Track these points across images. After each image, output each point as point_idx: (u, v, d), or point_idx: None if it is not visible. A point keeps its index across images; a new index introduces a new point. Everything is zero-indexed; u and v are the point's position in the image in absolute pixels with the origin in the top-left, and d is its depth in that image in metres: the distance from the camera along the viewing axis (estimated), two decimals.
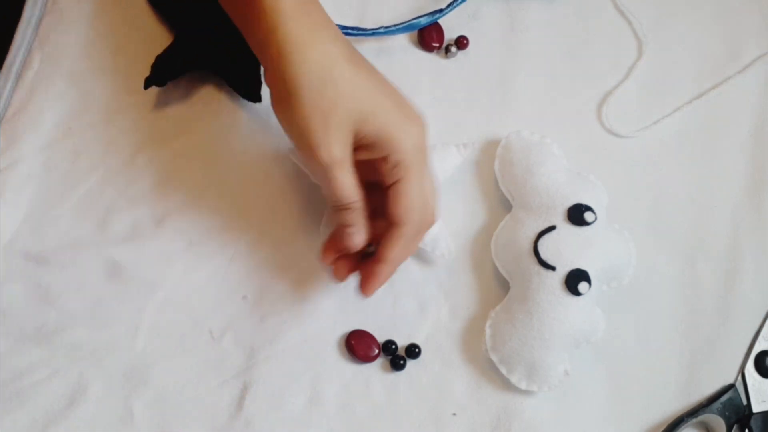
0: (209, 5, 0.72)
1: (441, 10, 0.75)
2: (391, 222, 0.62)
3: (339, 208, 0.62)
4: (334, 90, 0.59)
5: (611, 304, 0.67)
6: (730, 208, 0.71)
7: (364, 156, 0.61)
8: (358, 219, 0.62)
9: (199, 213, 0.71)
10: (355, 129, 0.60)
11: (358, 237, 0.62)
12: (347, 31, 0.74)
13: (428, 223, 0.63)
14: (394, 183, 0.61)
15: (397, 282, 0.69)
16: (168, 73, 0.72)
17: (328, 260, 0.65)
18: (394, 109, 0.61)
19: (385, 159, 0.61)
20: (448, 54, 0.75)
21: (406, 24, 0.74)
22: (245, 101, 0.72)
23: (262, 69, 0.65)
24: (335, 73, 0.60)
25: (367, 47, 0.76)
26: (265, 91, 0.72)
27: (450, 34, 0.76)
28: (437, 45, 0.75)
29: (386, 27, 0.74)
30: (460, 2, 0.75)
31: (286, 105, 0.60)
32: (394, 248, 0.62)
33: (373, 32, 0.74)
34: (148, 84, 0.72)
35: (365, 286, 0.64)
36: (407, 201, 0.61)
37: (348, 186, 0.61)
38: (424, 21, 0.75)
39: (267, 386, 0.66)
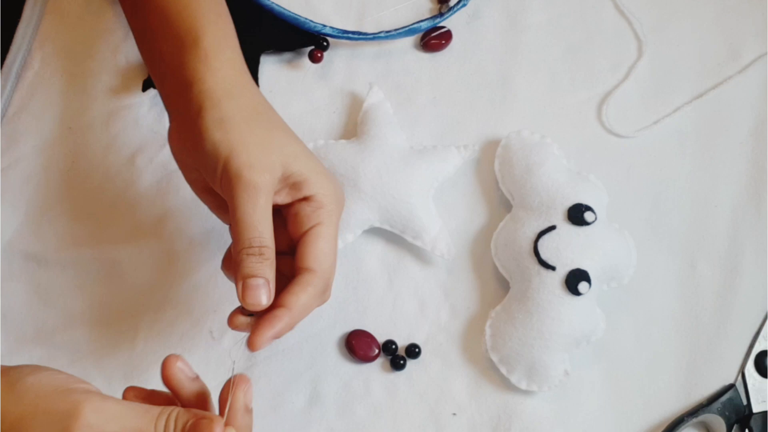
0: None
1: (442, 14, 0.75)
2: (301, 269, 0.57)
3: (252, 252, 0.56)
4: (268, 124, 0.59)
5: (611, 304, 0.67)
6: (730, 208, 0.71)
7: (285, 197, 0.59)
8: (268, 270, 0.56)
9: (200, 213, 0.71)
10: (285, 164, 0.58)
11: (265, 292, 0.56)
12: (349, 35, 0.74)
13: (330, 281, 0.59)
14: (313, 227, 0.58)
15: (397, 282, 0.69)
16: None
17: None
18: (320, 163, 0.61)
19: (308, 200, 0.59)
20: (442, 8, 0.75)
21: (407, 28, 0.74)
22: None
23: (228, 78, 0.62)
24: (269, 115, 0.60)
25: (367, 48, 0.76)
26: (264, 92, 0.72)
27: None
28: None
29: (387, 31, 0.74)
30: (462, 6, 0.75)
31: (217, 132, 0.57)
32: (300, 295, 0.56)
33: (374, 36, 0.74)
34: (146, 86, 0.72)
35: (257, 339, 0.55)
36: (324, 247, 0.58)
37: (265, 223, 0.56)
38: (424, 25, 0.75)
39: (267, 386, 0.66)
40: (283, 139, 0.59)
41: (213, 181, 0.58)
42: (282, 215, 0.60)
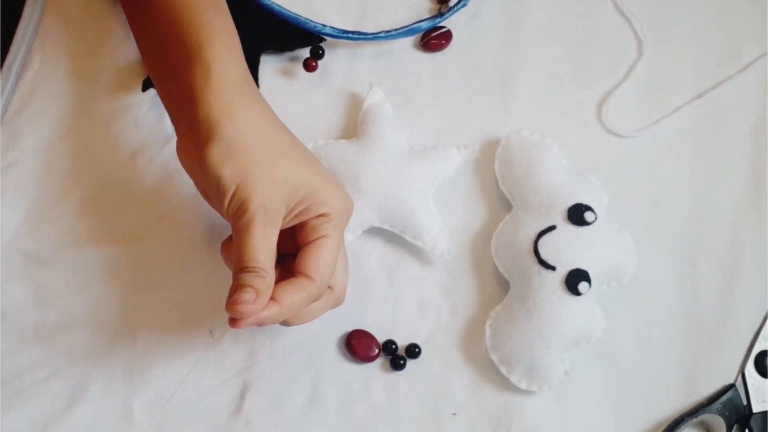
0: None
1: (442, 14, 0.75)
2: (300, 273, 0.59)
3: (247, 270, 0.57)
4: (277, 148, 0.60)
5: (611, 304, 0.67)
6: (730, 208, 0.71)
7: (294, 220, 0.60)
8: (262, 286, 0.57)
9: (200, 213, 0.71)
10: (290, 197, 0.59)
11: (251, 298, 0.56)
12: (349, 35, 0.74)
13: (343, 293, 0.63)
14: (318, 238, 0.60)
15: (397, 282, 0.69)
16: None
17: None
18: (326, 175, 0.62)
19: (315, 216, 0.60)
20: (442, 8, 0.75)
21: (407, 28, 0.74)
22: None
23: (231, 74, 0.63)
24: (276, 136, 0.61)
25: (367, 48, 0.76)
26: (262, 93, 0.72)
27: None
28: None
29: (387, 31, 0.74)
30: (462, 5, 0.75)
31: (226, 161, 0.58)
32: (293, 295, 0.58)
33: (375, 36, 0.74)
34: (146, 86, 0.72)
35: (238, 319, 0.56)
36: (326, 256, 0.60)
37: (264, 249, 0.57)
38: (425, 25, 0.75)
39: (267, 386, 0.66)
40: (288, 166, 0.60)
41: (220, 210, 0.60)
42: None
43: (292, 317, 0.60)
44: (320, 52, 0.74)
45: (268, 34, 0.74)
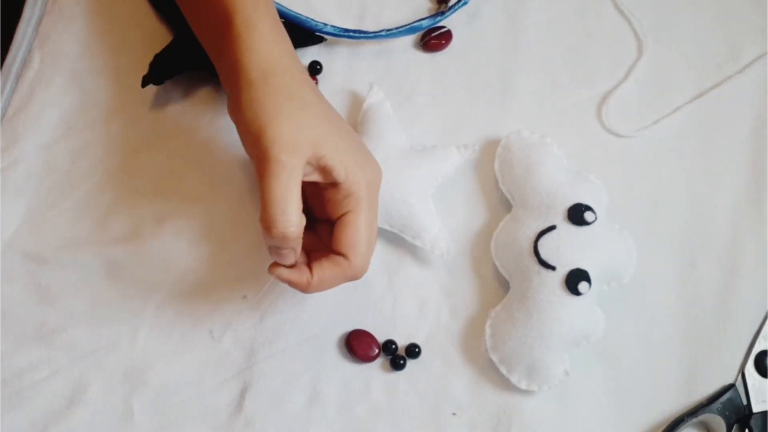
0: None
1: (443, 12, 0.75)
2: (336, 251, 0.61)
3: (273, 229, 0.57)
4: (300, 104, 0.60)
5: (611, 304, 0.67)
6: (730, 208, 0.71)
7: (315, 178, 0.60)
8: (291, 244, 0.59)
9: (199, 213, 0.71)
10: (315, 145, 0.59)
11: (290, 257, 0.60)
12: (350, 34, 0.74)
13: (363, 267, 0.62)
14: (344, 214, 0.61)
15: (397, 282, 0.69)
16: (165, 72, 0.72)
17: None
18: (353, 145, 0.62)
19: (337, 187, 0.61)
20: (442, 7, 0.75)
21: (408, 27, 0.74)
22: None
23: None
24: (301, 93, 0.61)
25: (367, 48, 0.76)
26: None
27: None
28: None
29: (388, 30, 0.74)
30: (462, 4, 0.75)
31: (248, 110, 0.60)
32: (325, 271, 0.61)
33: (375, 35, 0.74)
34: (145, 82, 0.72)
35: (276, 265, 0.61)
36: (354, 234, 0.60)
37: (294, 204, 0.58)
38: (425, 24, 0.75)
39: (267, 386, 0.66)
40: (315, 120, 0.60)
41: (250, 157, 0.60)
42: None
43: (316, 287, 0.61)
44: (318, 67, 0.74)
45: None
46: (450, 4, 0.76)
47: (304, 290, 0.61)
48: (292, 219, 0.57)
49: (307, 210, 0.60)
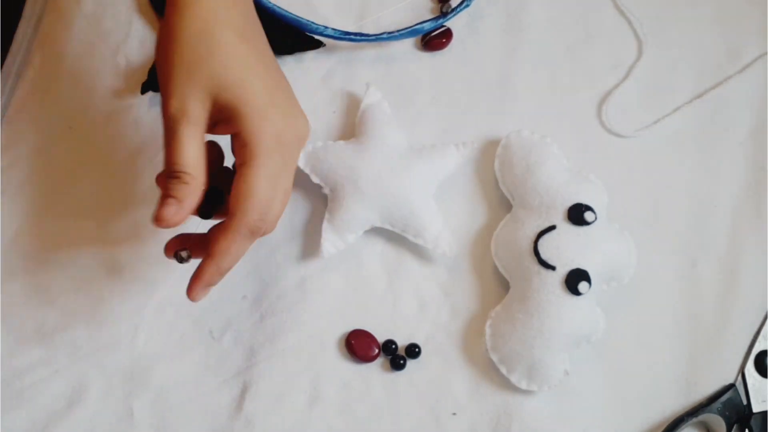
0: None
1: (445, 15, 0.75)
2: (228, 211, 0.57)
3: (171, 175, 0.56)
4: (207, 50, 0.57)
5: (611, 304, 0.67)
6: (730, 208, 0.71)
7: (221, 130, 0.59)
8: (184, 194, 0.56)
9: None
10: (214, 94, 0.56)
11: (172, 211, 0.56)
12: (350, 37, 0.74)
13: (265, 226, 0.58)
14: (240, 165, 0.57)
15: (397, 282, 0.69)
16: None
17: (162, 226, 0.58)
18: (264, 92, 0.58)
19: (236, 136, 0.58)
20: (443, 7, 0.75)
21: (410, 29, 0.74)
22: None
23: None
24: (215, 35, 0.58)
25: (367, 48, 0.76)
26: None
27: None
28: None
29: (389, 33, 0.74)
30: (465, 6, 0.75)
31: (161, 51, 0.58)
32: (220, 241, 0.57)
33: (377, 38, 0.74)
34: (145, 89, 0.72)
35: (189, 289, 0.59)
36: (248, 188, 0.56)
37: (188, 149, 0.55)
38: (427, 26, 0.75)
39: (267, 386, 0.66)
40: (219, 66, 0.57)
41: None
42: None
43: (225, 260, 0.58)
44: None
45: (269, 38, 0.74)
46: (452, 6, 0.75)
47: (214, 273, 0.58)
48: (185, 170, 0.55)
49: None
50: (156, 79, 0.72)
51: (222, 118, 0.58)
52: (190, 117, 0.56)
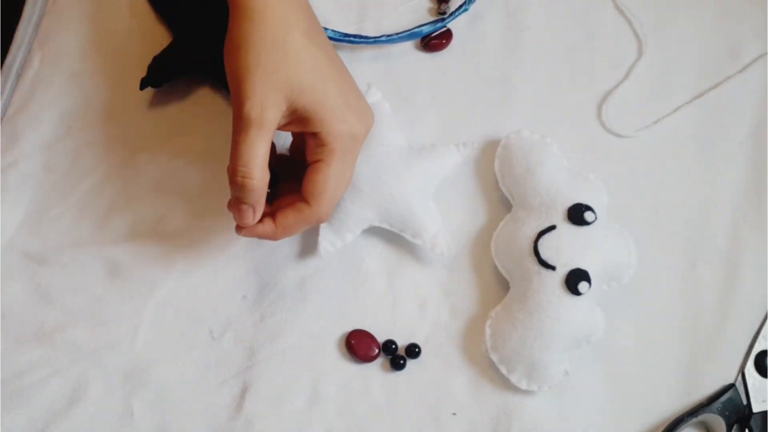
0: (209, 7, 0.72)
1: (443, 18, 0.75)
2: (302, 196, 0.62)
3: (235, 179, 0.60)
4: (282, 54, 0.60)
5: (611, 304, 0.67)
6: (730, 208, 0.71)
7: (295, 128, 0.62)
8: (256, 199, 0.61)
9: (199, 213, 0.71)
10: (290, 98, 0.60)
11: (250, 217, 0.62)
12: (350, 39, 0.74)
13: (326, 214, 0.63)
14: (315, 162, 0.62)
15: (397, 282, 0.69)
16: (163, 75, 0.72)
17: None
18: (337, 94, 0.62)
19: (314, 135, 0.61)
20: (441, 6, 0.75)
21: (409, 32, 0.74)
22: None
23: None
24: (287, 40, 0.60)
25: (366, 49, 0.76)
26: None
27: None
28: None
29: (389, 35, 0.74)
30: (463, 11, 0.75)
31: (233, 56, 0.60)
32: (289, 218, 0.62)
33: (375, 40, 0.74)
34: (143, 85, 0.72)
35: (241, 229, 0.63)
36: (320, 183, 0.61)
37: (259, 153, 0.59)
38: (426, 29, 0.74)
39: (267, 386, 0.66)
40: (296, 70, 0.60)
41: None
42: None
43: (286, 234, 0.63)
44: None
45: None
46: (451, 10, 0.75)
47: (271, 238, 0.63)
48: (253, 173, 0.59)
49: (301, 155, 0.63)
50: (155, 75, 0.72)
51: (295, 119, 0.61)
52: (264, 121, 0.59)
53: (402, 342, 0.68)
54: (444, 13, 0.76)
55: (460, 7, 0.75)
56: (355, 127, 0.62)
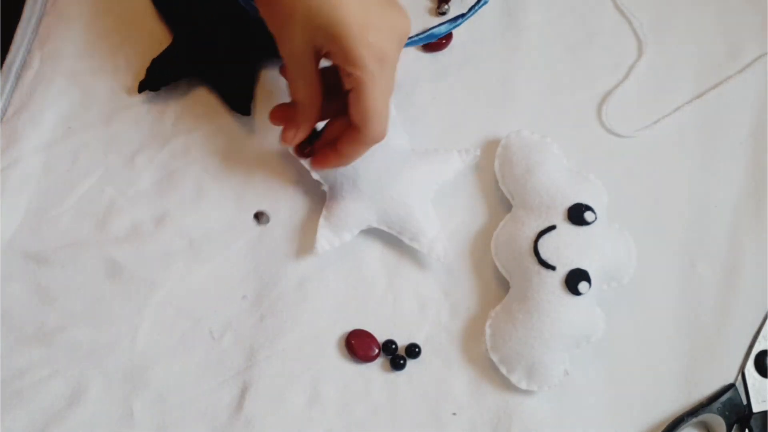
0: (209, 7, 0.72)
1: (461, 16, 0.74)
2: (352, 123, 0.64)
3: (294, 101, 0.65)
4: None
5: (611, 304, 0.67)
6: (730, 208, 0.71)
7: (326, 60, 0.64)
8: (302, 118, 0.65)
9: (199, 213, 0.71)
10: (313, 35, 0.61)
11: (291, 134, 0.66)
12: None
13: (380, 134, 0.65)
14: (350, 90, 0.63)
15: (397, 282, 0.69)
16: (162, 79, 0.72)
17: (275, 121, 0.67)
18: (362, 19, 0.61)
19: (339, 67, 0.62)
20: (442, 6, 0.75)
21: (427, 33, 0.73)
22: None
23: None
24: None
25: None
26: (255, 104, 0.72)
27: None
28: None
29: (410, 37, 0.73)
30: (484, 3, 0.75)
31: (264, 5, 0.64)
32: (347, 145, 0.65)
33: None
34: (141, 88, 0.72)
35: (316, 162, 0.68)
36: (368, 108, 0.62)
37: (300, 84, 0.64)
38: (443, 29, 0.74)
39: (267, 386, 0.66)
40: (312, 8, 0.61)
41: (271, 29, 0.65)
42: None
43: (351, 160, 0.66)
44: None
45: (269, 40, 0.74)
46: (450, 10, 0.75)
47: (337, 164, 0.66)
48: (300, 96, 0.65)
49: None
50: (152, 78, 0.72)
51: (322, 54, 0.63)
52: (298, 57, 0.63)
53: (402, 342, 0.68)
54: (444, 13, 0.76)
55: (479, 1, 0.75)
56: (380, 48, 0.61)
